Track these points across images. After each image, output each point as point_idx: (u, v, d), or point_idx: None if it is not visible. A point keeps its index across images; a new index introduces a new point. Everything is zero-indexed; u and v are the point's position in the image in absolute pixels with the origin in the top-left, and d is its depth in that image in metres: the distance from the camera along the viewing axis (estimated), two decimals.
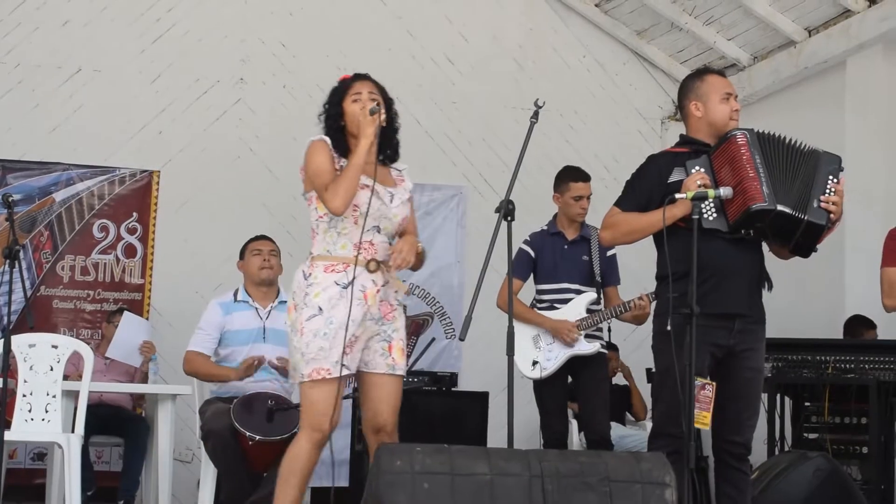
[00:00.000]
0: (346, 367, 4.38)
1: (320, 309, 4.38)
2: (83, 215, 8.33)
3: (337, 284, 4.41)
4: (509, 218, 4.39)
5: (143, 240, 8.42)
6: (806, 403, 6.79)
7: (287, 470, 4.45)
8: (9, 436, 5.70)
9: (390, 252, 4.47)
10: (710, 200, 4.38)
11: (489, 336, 6.85)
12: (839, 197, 4.45)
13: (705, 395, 4.33)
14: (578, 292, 6.36)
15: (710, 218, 4.42)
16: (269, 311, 6.24)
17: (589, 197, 6.47)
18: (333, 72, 8.55)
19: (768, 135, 4.50)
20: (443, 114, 8.96)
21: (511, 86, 9.11)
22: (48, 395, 6.13)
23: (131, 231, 8.41)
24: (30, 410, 6.10)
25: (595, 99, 9.37)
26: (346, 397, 6.94)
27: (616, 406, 7.76)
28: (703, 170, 4.45)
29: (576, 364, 6.32)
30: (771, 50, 8.60)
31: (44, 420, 6.10)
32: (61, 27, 8.43)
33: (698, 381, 4.27)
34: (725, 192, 4.35)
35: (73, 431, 6.17)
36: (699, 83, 4.64)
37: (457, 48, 9.12)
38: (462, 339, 4.32)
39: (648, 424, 7.84)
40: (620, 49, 9.43)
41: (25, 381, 6.12)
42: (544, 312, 6.37)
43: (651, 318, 4.75)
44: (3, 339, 5.68)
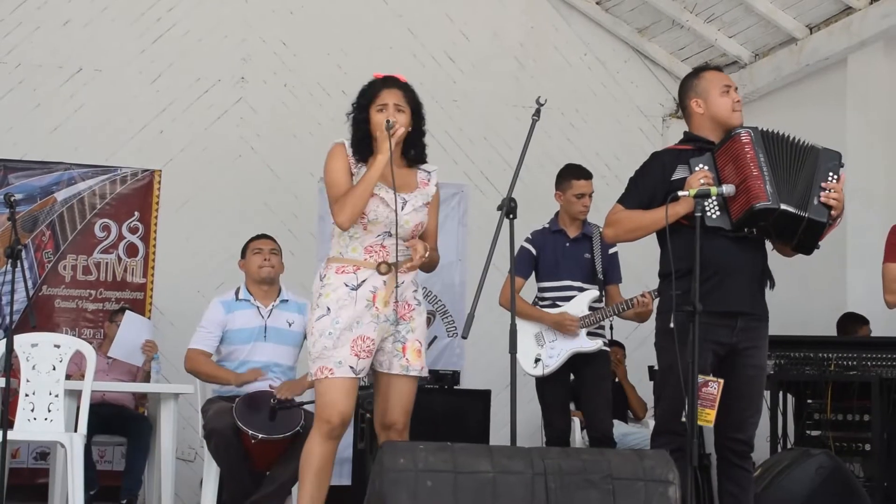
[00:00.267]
0: (353, 368, 4.41)
1: (328, 309, 4.45)
2: (85, 215, 8.33)
3: (346, 286, 4.46)
4: (511, 216, 4.38)
5: (144, 239, 8.43)
6: (808, 401, 6.80)
7: (301, 467, 4.51)
8: (12, 435, 5.68)
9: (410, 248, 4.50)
10: (713, 198, 4.38)
11: (491, 334, 6.86)
12: (839, 193, 4.44)
13: (709, 393, 4.33)
14: (581, 290, 6.36)
15: (714, 216, 4.42)
16: (271, 310, 6.24)
17: (591, 195, 6.47)
18: (334, 70, 8.69)
19: (772, 133, 4.49)
20: (444, 112, 8.95)
21: (512, 84, 9.11)
22: (51, 394, 6.13)
23: (133, 230, 8.42)
24: (32, 410, 6.10)
25: (596, 97, 9.36)
26: None
27: (618, 404, 7.76)
28: (706, 168, 4.45)
29: (578, 362, 6.32)
30: (772, 47, 8.60)
31: (46, 419, 6.10)
32: (62, 27, 8.43)
33: (701, 378, 4.27)
34: (728, 189, 4.35)
35: (75, 431, 6.17)
36: (697, 80, 4.64)
37: (458, 46, 9.12)
38: (465, 337, 4.32)
39: (651, 422, 7.85)
40: (621, 47, 9.43)
41: (28, 381, 6.12)
42: (547, 310, 6.36)
43: (654, 316, 4.75)
44: (5, 339, 5.68)
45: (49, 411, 6.10)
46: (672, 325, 4.33)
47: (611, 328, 6.90)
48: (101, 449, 7.90)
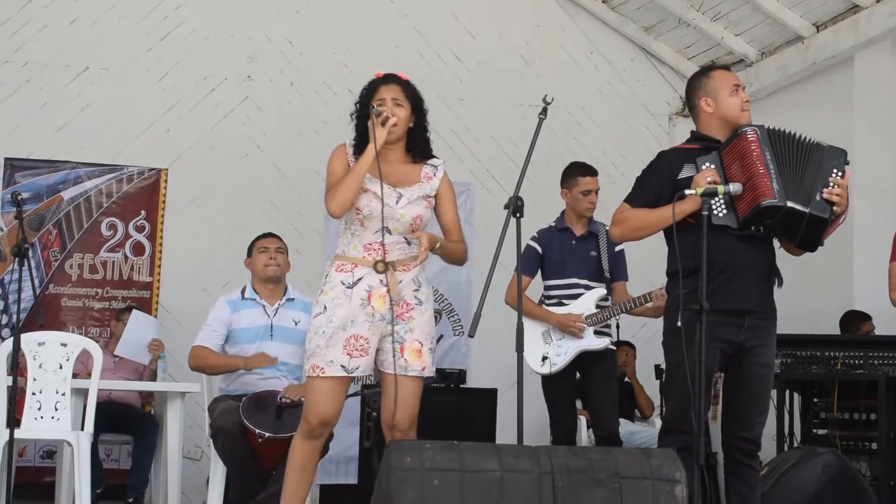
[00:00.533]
0: (345, 367, 4.42)
1: (325, 307, 4.48)
2: (91, 213, 8.34)
3: (342, 284, 4.48)
4: (518, 214, 4.38)
5: (151, 238, 8.44)
6: (815, 399, 6.79)
7: (287, 463, 4.60)
8: (18, 434, 5.70)
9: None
10: (719, 197, 4.38)
11: (497, 333, 6.85)
12: (843, 190, 4.43)
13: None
14: (587, 287, 6.35)
15: (720, 214, 4.41)
16: (277, 309, 6.23)
17: (597, 191, 6.46)
18: (340, 69, 8.69)
19: (778, 131, 4.48)
20: (450, 111, 8.95)
21: (518, 83, 9.11)
22: (57, 392, 6.13)
23: (139, 229, 8.43)
24: (39, 408, 6.11)
25: (602, 95, 9.36)
26: (354, 394, 6.98)
27: (625, 403, 7.76)
28: (713, 166, 4.44)
29: (584, 360, 6.31)
30: (779, 45, 8.59)
31: (53, 418, 6.10)
32: (69, 26, 8.45)
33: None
34: (735, 188, 4.34)
35: (82, 429, 6.18)
36: (706, 80, 4.63)
37: (464, 45, 9.12)
38: (472, 336, 4.32)
39: (657, 421, 7.85)
40: (628, 45, 9.42)
41: (35, 380, 6.12)
42: (553, 308, 6.36)
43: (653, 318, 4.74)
44: (12, 338, 5.69)
45: (56, 410, 6.11)
46: (679, 323, 4.33)
47: (617, 327, 6.89)
48: (107, 447, 7.91)
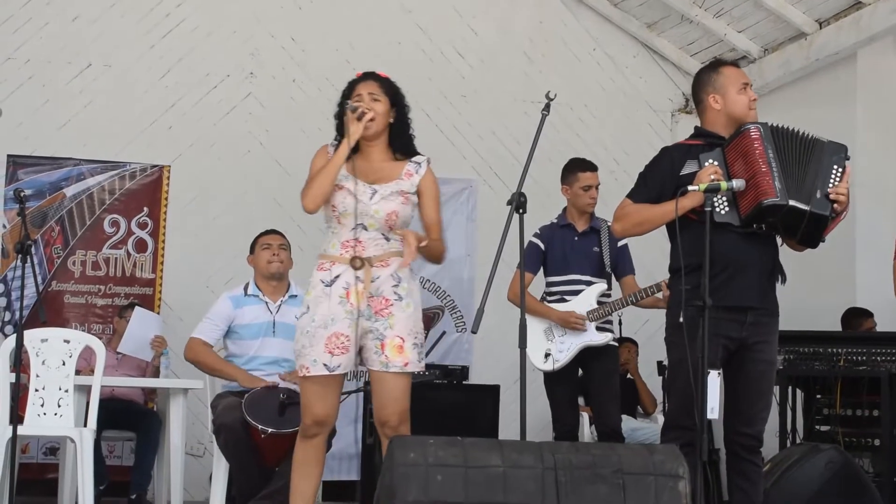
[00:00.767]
0: (327, 366, 4.44)
1: (308, 307, 4.53)
2: (94, 210, 8.35)
3: (322, 282, 4.51)
4: (521, 210, 4.38)
5: (153, 234, 8.44)
6: (818, 396, 6.79)
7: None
8: (21, 430, 5.71)
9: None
10: (722, 193, 4.37)
11: (500, 329, 6.86)
12: (844, 187, 4.42)
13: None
14: (589, 283, 6.35)
15: (723, 211, 4.41)
16: (279, 306, 6.23)
17: (597, 187, 6.46)
18: (343, 65, 8.68)
19: (782, 128, 4.47)
20: (452, 107, 8.95)
21: (521, 79, 9.10)
22: (60, 389, 6.14)
23: (142, 226, 8.43)
24: (42, 405, 6.11)
25: (605, 92, 9.35)
26: (357, 391, 6.98)
27: (627, 399, 7.76)
28: (716, 163, 4.44)
29: (586, 356, 6.32)
30: (781, 42, 8.58)
31: (56, 415, 6.11)
32: (71, 23, 8.45)
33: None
34: (738, 184, 4.33)
35: (85, 426, 6.18)
36: (715, 76, 4.62)
37: (466, 41, 9.11)
38: (475, 332, 4.32)
39: (660, 417, 7.85)
40: (630, 42, 9.41)
41: (38, 376, 6.13)
42: (554, 304, 6.36)
43: (664, 311, 4.74)
44: (15, 334, 5.69)
45: (59, 406, 6.12)
46: (682, 319, 4.33)
47: (619, 324, 6.89)
48: (110, 444, 7.92)
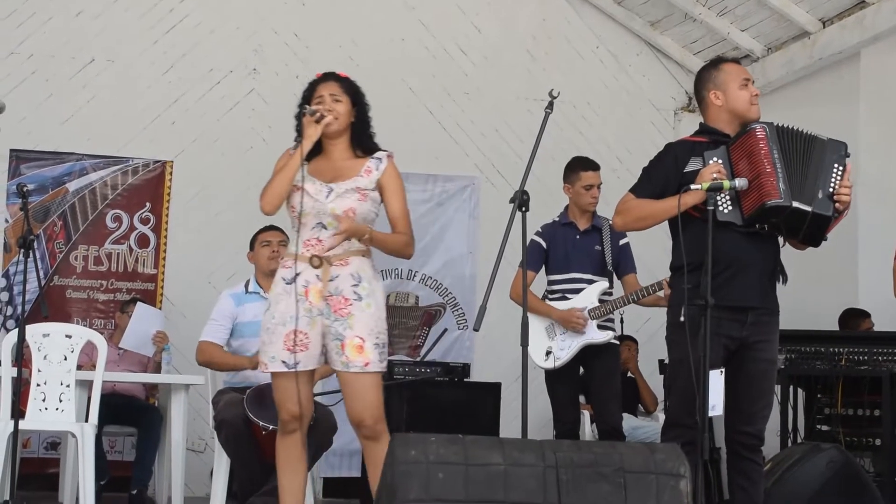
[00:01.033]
0: (286, 363, 4.49)
1: (270, 304, 4.60)
2: (96, 205, 8.35)
3: (283, 280, 4.57)
4: (524, 208, 4.38)
5: (156, 230, 8.44)
6: (819, 395, 6.78)
7: None
8: (23, 425, 5.71)
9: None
10: (725, 192, 4.37)
11: (501, 327, 6.85)
12: (847, 186, 4.42)
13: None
14: (590, 282, 6.35)
15: (725, 210, 4.40)
16: None
17: (599, 186, 6.46)
18: (346, 62, 8.68)
19: (787, 128, 4.46)
20: (455, 105, 8.95)
21: (524, 77, 9.10)
22: (62, 384, 6.15)
23: (144, 221, 8.43)
24: (44, 400, 6.13)
25: (608, 90, 9.35)
26: None
27: (628, 397, 7.76)
28: (720, 161, 4.44)
29: (587, 355, 6.32)
30: (785, 41, 8.57)
31: (57, 409, 6.12)
32: (74, 17, 8.44)
33: None
34: (741, 183, 4.33)
35: (86, 421, 6.19)
36: (716, 72, 4.62)
37: (469, 39, 9.11)
38: (477, 330, 4.33)
39: (661, 416, 7.85)
40: (634, 40, 9.40)
41: (39, 371, 6.14)
42: (556, 303, 6.36)
43: (666, 309, 4.74)
44: (17, 329, 5.70)
45: (60, 401, 6.13)
46: (683, 318, 4.33)
47: (621, 322, 6.89)
48: (111, 439, 7.93)
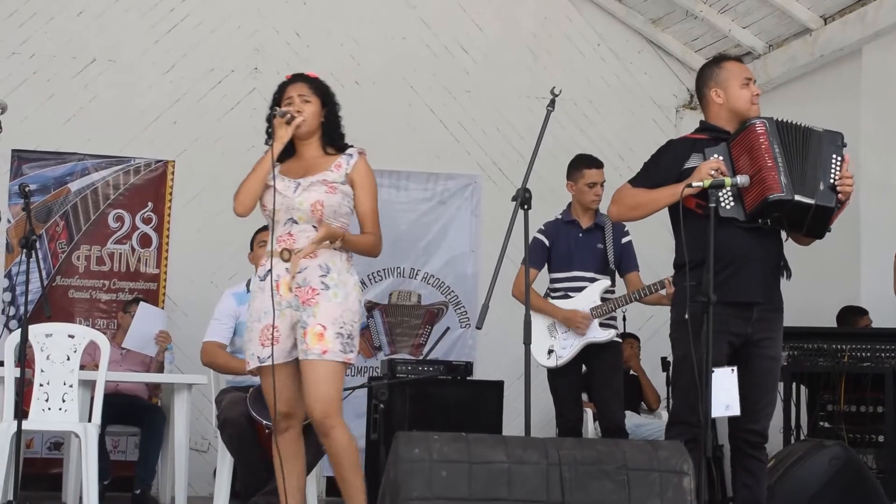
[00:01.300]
0: (259, 358, 4.53)
1: (248, 304, 4.68)
2: (98, 205, 8.35)
3: (258, 278, 4.64)
4: (526, 206, 4.38)
5: (158, 230, 8.44)
6: (822, 392, 6.78)
7: None
8: (26, 425, 5.71)
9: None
10: (727, 189, 4.37)
11: (504, 325, 6.85)
12: (848, 176, 4.42)
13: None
14: (592, 280, 6.35)
15: (728, 206, 4.41)
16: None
17: (602, 184, 6.46)
18: (347, 61, 8.69)
19: (787, 123, 4.47)
20: (456, 103, 8.95)
21: (525, 74, 9.09)
22: (65, 384, 6.15)
23: (146, 221, 8.43)
24: (47, 400, 6.13)
25: (609, 88, 9.34)
26: (361, 386, 6.98)
27: (631, 395, 7.76)
28: (721, 157, 4.44)
29: (590, 353, 6.32)
30: (786, 38, 8.57)
31: (60, 409, 6.12)
32: (75, 17, 8.45)
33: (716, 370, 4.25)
34: (742, 179, 4.33)
35: (89, 421, 6.19)
36: (718, 70, 4.62)
37: (470, 37, 9.10)
38: (479, 328, 4.33)
39: (664, 413, 7.85)
40: (635, 37, 9.40)
41: (42, 371, 6.14)
42: (558, 301, 6.36)
43: (668, 307, 4.74)
44: (20, 329, 5.70)
45: (63, 401, 6.13)
46: (686, 315, 4.33)
47: (623, 320, 6.88)
48: (114, 439, 7.93)
